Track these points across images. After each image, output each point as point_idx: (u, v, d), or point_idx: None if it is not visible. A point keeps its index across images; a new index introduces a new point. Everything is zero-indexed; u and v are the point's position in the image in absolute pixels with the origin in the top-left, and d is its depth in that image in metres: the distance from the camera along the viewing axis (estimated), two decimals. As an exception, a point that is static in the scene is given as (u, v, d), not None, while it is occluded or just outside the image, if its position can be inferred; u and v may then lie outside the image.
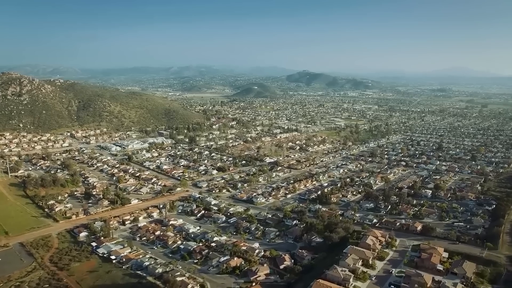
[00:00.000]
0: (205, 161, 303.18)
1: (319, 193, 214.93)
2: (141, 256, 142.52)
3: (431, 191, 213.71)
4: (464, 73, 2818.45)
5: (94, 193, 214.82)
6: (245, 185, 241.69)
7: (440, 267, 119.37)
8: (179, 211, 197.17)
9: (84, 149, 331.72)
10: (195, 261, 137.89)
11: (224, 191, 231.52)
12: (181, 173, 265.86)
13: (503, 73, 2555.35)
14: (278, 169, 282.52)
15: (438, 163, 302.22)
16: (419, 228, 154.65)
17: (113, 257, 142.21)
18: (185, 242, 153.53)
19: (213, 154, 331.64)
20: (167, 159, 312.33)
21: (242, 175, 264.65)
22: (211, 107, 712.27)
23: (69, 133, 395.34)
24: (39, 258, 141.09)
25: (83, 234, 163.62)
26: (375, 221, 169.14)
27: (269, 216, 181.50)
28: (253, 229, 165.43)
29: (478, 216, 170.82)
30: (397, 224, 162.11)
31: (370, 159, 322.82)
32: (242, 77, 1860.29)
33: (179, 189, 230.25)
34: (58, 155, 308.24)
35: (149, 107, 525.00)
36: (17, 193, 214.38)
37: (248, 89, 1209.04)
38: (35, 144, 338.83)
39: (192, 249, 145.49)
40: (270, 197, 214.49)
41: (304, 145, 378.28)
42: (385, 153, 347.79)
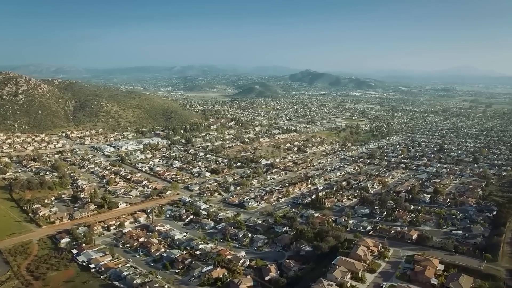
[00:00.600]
0: (200, 163, 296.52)
1: (313, 197, 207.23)
2: (121, 265, 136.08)
3: (429, 196, 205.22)
4: (469, 72, 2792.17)
5: (81, 197, 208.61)
6: (238, 188, 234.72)
7: (434, 281, 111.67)
8: (167, 216, 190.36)
9: (77, 150, 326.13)
10: (177, 271, 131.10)
11: (216, 194, 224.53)
12: (174, 175, 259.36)
13: (508, 73, 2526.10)
14: (273, 171, 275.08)
15: (438, 165, 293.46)
16: (414, 236, 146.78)
17: (92, 265, 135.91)
18: (168, 250, 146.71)
19: (208, 155, 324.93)
20: (161, 160, 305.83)
21: (236, 178, 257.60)
22: (210, 107, 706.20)
23: (64, 134, 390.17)
24: (15, 266, 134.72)
25: (65, 240, 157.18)
26: (369, 228, 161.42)
27: (259, 222, 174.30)
28: (240, 236, 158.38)
29: (477, 223, 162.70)
30: (392, 232, 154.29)
31: (369, 161, 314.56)
32: (244, 76, 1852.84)
33: (169, 192, 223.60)
34: (50, 156, 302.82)
35: (147, 107, 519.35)
36: (3, 196, 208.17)
37: (250, 88, 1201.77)
38: (28, 145, 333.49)
39: (175, 257, 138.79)
40: (262, 202, 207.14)
41: (302, 146, 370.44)
42: (385, 154, 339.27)
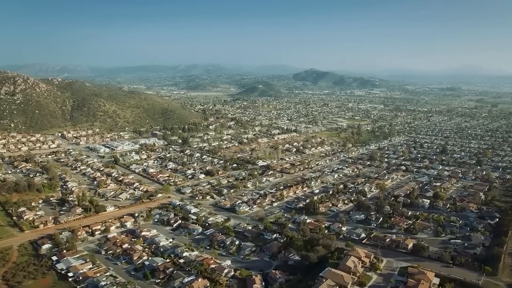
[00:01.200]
0: (195, 164, 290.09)
1: (308, 201, 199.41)
2: (100, 274, 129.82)
3: (429, 201, 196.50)
4: (475, 71, 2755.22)
5: (69, 199, 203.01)
6: (231, 191, 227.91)
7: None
8: (156, 220, 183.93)
9: (71, 150, 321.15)
10: (157, 281, 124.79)
11: (208, 197, 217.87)
12: (167, 177, 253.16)
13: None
14: (269, 173, 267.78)
15: (440, 167, 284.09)
16: (410, 245, 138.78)
17: (70, 274, 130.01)
18: (151, 258, 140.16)
19: (204, 156, 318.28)
20: (156, 161, 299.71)
21: (230, 180, 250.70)
22: (211, 107, 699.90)
23: (60, 134, 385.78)
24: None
25: (46, 246, 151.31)
26: (363, 236, 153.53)
27: (249, 228, 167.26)
28: (228, 243, 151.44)
29: (478, 231, 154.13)
30: (387, 240, 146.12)
31: (368, 163, 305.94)
32: (248, 75, 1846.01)
33: (160, 195, 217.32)
34: (43, 157, 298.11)
35: (146, 106, 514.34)
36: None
37: (252, 87, 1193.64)
38: (23, 145, 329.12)
39: (156, 266, 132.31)
40: (254, 206, 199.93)
41: (301, 147, 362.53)
42: (385, 156, 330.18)
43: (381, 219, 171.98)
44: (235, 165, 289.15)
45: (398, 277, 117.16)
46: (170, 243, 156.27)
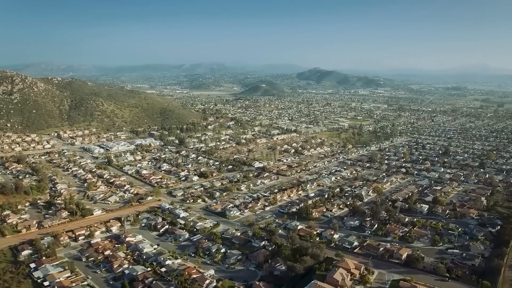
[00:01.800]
0: (189, 166, 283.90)
1: (302, 206, 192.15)
2: (77, 283, 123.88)
3: (427, 206, 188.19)
4: (482, 70, 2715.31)
5: (56, 202, 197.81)
6: (224, 194, 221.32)
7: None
8: (143, 225, 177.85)
9: (65, 151, 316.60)
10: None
11: (199, 201, 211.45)
12: (160, 179, 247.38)
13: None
14: (265, 175, 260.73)
15: (442, 170, 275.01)
16: (404, 256, 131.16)
17: (46, 283, 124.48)
18: (131, 266, 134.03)
19: (200, 157, 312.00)
20: (150, 162, 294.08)
21: (224, 182, 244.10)
22: (212, 106, 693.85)
23: (56, 134, 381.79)
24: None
25: (26, 252, 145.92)
26: (355, 244, 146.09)
27: (237, 234, 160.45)
28: (213, 250, 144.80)
29: (478, 240, 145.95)
30: (381, 249, 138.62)
31: (368, 165, 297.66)
32: (252, 74, 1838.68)
33: (150, 198, 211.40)
34: (36, 157, 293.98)
35: (145, 106, 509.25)
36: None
37: (255, 87, 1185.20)
38: (17, 145, 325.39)
39: (136, 275, 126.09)
40: (246, 210, 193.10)
41: (300, 148, 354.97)
42: (386, 157, 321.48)
43: (376, 226, 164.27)
44: (230, 166, 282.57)
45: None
46: (154, 249, 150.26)
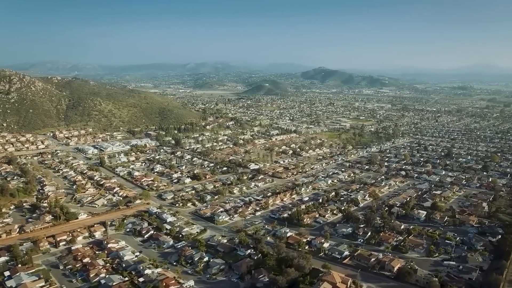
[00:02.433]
0: (183, 167, 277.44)
1: (294, 211, 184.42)
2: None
3: (425, 213, 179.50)
4: (488, 70, 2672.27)
5: (41, 206, 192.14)
6: (215, 197, 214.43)
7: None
8: (128, 230, 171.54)
9: (59, 151, 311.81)
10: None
11: (189, 204, 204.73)
12: (151, 181, 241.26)
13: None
14: (259, 178, 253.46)
15: (443, 173, 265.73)
16: (396, 268, 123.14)
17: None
18: (108, 276, 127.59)
19: (195, 158, 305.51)
20: (143, 164, 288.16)
21: (217, 185, 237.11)
22: (213, 106, 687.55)
23: (51, 134, 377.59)
24: None
25: (2, 259, 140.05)
26: (346, 253, 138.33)
27: (223, 241, 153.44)
28: (196, 259, 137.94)
29: (476, 251, 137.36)
30: (372, 259, 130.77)
31: (367, 167, 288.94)
32: (257, 73, 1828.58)
33: (138, 201, 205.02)
34: (29, 158, 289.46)
35: (143, 105, 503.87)
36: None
37: (259, 86, 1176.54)
38: (11, 145, 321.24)
39: (111, 286, 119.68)
40: (235, 215, 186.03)
41: (298, 149, 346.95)
42: (386, 159, 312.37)
43: (369, 234, 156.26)
44: (225, 168, 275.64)
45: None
46: (135, 257, 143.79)
